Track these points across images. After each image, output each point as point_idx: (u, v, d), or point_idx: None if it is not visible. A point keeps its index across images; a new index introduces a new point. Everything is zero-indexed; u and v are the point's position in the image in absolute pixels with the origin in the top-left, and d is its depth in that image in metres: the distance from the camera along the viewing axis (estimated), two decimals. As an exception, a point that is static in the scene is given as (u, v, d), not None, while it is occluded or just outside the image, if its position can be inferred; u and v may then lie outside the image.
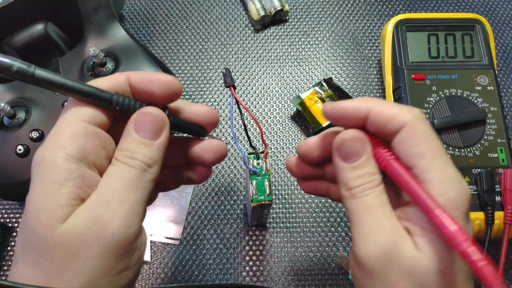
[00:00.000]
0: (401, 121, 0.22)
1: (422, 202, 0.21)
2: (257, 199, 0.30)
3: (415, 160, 0.22)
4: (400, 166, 0.23)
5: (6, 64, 0.19)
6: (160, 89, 0.23)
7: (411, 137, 0.22)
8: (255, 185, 0.30)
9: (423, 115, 0.23)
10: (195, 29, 0.50)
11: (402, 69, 0.41)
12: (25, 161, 0.37)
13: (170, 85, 0.23)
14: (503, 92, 0.46)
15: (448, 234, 0.20)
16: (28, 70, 0.19)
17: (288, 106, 0.46)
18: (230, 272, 0.38)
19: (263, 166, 0.31)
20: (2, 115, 0.37)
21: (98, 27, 0.41)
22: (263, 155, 0.31)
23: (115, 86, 0.22)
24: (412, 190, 0.22)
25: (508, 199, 0.35)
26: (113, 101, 0.22)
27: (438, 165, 0.22)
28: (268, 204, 0.30)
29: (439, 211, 0.20)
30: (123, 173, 0.21)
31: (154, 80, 0.23)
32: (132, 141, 0.22)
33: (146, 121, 0.22)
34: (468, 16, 0.43)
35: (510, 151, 0.37)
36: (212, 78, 0.47)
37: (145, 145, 0.22)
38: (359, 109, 0.23)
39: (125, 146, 0.22)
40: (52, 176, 0.20)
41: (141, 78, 0.23)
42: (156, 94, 0.23)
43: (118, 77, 0.23)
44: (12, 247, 0.40)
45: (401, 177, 0.22)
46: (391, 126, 0.22)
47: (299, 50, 0.48)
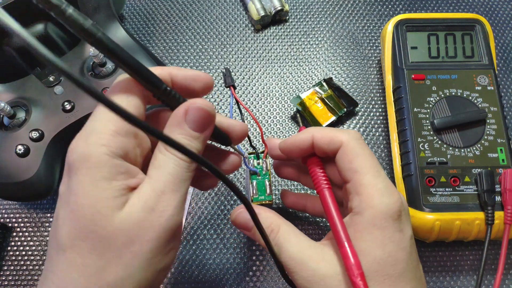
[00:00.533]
0: (338, 141, 0.26)
1: (337, 233, 0.24)
2: (258, 199, 0.30)
3: (350, 175, 0.25)
4: (330, 196, 0.26)
5: (79, 20, 0.19)
6: (201, 86, 0.25)
7: (347, 154, 0.26)
8: (256, 185, 0.30)
9: (359, 135, 0.27)
10: (195, 29, 0.50)
11: (402, 69, 0.41)
12: (25, 161, 0.37)
13: (209, 83, 0.25)
14: (503, 92, 0.46)
15: (347, 265, 0.23)
16: (96, 33, 0.20)
17: (288, 106, 0.46)
18: (230, 272, 0.38)
19: (264, 166, 0.31)
20: (2, 115, 0.37)
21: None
22: (263, 155, 0.31)
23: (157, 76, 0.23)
24: (331, 221, 0.25)
25: (508, 199, 0.35)
26: (163, 87, 0.23)
27: (369, 180, 0.25)
28: (269, 204, 0.30)
29: (346, 244, 0.23)
30: (174, 165, 0.22)
31: (196, 79, 0.25)
32: (182, 132, 0.23)
33: (198, 114, 0.23)
34: (468, 16, 0.43)
35: (510, 151, 0.37)
36: (212, 78, 0.47)
37: (194, 137, 0.23)
38: (304, 138, 0.27)
39: (175, 137, 0.23)
40: (102, 173, 0.21)
41: (184, 76, 0.25)
42: (197, 90, 0.25)
43: (161, 71, 0.24)
44: (12, 247, 0.40)
45: (327, 206, 0.26)
46: (331, 146, 0.26)
47: (299, 50, 0.48)
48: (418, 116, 0.39)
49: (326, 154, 0.28)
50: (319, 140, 0.27)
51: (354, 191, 0.25)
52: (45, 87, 0.39)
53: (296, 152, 0.29)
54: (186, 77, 0.25)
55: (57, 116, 0.38)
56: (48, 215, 0.41)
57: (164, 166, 0.23)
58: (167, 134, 0.23)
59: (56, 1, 0.18)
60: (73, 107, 0.38)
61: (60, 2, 0.18)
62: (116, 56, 0.21)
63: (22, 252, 0.40)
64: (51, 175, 0.38)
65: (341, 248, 0.24)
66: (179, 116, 0.23)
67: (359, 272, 0.22)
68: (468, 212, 0.35)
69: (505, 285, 0.38)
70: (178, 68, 0.25)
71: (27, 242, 0.40)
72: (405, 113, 0.39)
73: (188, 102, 0.24)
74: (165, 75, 0.24)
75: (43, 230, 0.40)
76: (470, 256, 0.39)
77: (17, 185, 0.36)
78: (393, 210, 0.24)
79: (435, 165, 0.37)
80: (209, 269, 0.39)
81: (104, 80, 0.39)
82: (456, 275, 0.38)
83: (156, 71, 0.23)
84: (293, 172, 0.33)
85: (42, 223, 0.41)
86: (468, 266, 0.38)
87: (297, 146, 0.28)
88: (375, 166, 0.25)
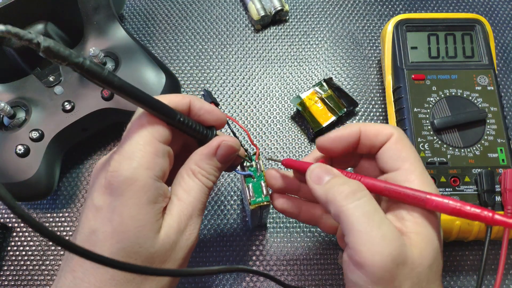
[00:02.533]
0: (388, 132, 0.27)
1: (413, 196, 0.24)
2: (255, 201, 0.30)
3: (400, 164, 0.26)
4: (372, 179, 0.26)
5: (97, 71, 0.20)
6: (213, 120, 0.27)
7: (397, 144, 0.26)
8: (252, 187, 0.30)
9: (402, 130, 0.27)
10: (195, 29, 0.50)
11: (402, 69, 0.41)
12: (25, 161, 0.37)
13: (221, 119, 0.28)
14: (503, 92, 0.46)
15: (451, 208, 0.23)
16: (114, 80, 0.21)
17: (288, 106, 0.46)
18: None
19: (257, 167, 0.31)
20: (2, 115, 0.37)
21: (98, 27, 0.41)
22: (255, 157, 0.31)
23: (176, 104, 0.26)
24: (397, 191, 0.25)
25: (508, 199, 0.34)
26: (177, 118, 0.25)
27: (419, 169, 0.25)
28: (267, 204, 0.30)
29: (428, 196, 0.24)
30: (200, 192, 0.26)
31: (210, 111, 0.27)
32: (211, 163, 0.26)
33: (227, 151, 0.27)
34: (468, 16, 0.43)
35: (510, 151, 0.37)
36: (212, 78, 0.47)
37: (218, 168, 0.27)
38: (352, 132, 0.27)
39: (204, 166, 0.26)
40: (147, 196, 0.23)
41: (201, 107, 0.27)
42: (207, 122, 0.27)
43: (182, 98, 0.26)
44: (12, 247, 0.40)
45: (377, 185, 0.26)
46: (380, 138, 0.27)
47: (299, 50, 0.48)
48: (418, 116, 0.39)
49: (370, 149, 0.27)
50: (367, 133, 0.27)
51: (403, 179, 0.25)
52: (45, 87, 0.39)
53: (340, 147, 0.28)
54: (202, 108, 0.27)
55: (57, 116, 0.38)
56: (48, 215, 0.41)
57: (192, 190, 0.25)
58: (197, 161, 0.26)
59: (74, 57, 0.19)
60: (73, 107, 0.38)
61: (77, 56, 0.19)
62: (133, 96, 0.23)
63: (22, 252, 0.40)
64: (51, 175, 0.38)
65: (429, 202, 0.24)
66: (211, 149, 0.26)
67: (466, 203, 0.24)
68: (468, 212, 0.35)
69: (505, 285, 0.38)
70: (198, 98, 0.27)
71: (27, 242, 0.40)
72: (405, 113, 0.39)
73: (220, 138, 0.27)
74: (186, 102, 0.26)
75: (43, 230, 0.40)
76: (470, 256, 0.39)
77: (17, 185, 0.36)
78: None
79: (435, 165, 0.37)
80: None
81: (104, 80, 0.39)
82: (456, 275, 0.38)
83: (176, 98, 0.26)
84: (293, 206, 0.31)
85: (42, 223, 0.41)
86: (468, 266, 0.38)
87: (345, 139, 0.27)
88: (420, 159, 0.26)
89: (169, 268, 0.24)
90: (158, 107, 0.24)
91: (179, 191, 0.26)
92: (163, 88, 0.39)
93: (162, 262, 0.24)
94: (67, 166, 0.43)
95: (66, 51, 0.18)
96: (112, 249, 0.23)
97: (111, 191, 0.23)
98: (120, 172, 0.23)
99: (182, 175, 0.26)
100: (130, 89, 0.22)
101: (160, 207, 0.24)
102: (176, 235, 0.24)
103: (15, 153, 0.37)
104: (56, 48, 0.18)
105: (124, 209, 0.23)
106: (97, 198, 0.24)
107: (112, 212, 0.23)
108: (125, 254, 0.23)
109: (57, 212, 0.41)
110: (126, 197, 0.23)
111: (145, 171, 0.23)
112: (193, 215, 0.25)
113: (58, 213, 0.41)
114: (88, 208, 0.24)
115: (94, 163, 0.43)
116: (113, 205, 0.23)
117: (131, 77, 0.39)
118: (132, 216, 0.23)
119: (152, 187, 0.23)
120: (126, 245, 0.23)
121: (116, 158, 0.24)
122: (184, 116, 0.25)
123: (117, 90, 0.22)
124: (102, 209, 0.23)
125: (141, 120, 0.24)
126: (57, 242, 0.17)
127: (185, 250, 0.25)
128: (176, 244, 0.24)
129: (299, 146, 0.44)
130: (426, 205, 0.24)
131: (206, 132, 0.27)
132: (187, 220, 0.25)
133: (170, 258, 0.24)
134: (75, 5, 0.41)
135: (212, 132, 0.28)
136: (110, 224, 0.23)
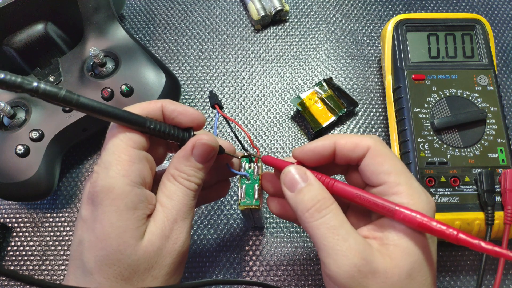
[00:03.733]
0: (365, 145, 0.25)
1: (382, 206, 0.24)
2: (245, 203, 0.29)
3: (384, 177, 0.25)
4: (346, 185, 0.25)
5: (53, 92, 0.21)
6: (189, 121, 0.27)
7: (377, 157, 0.25)
8: (244, 188, 0.30)
9: (381, 139, 0.26)
10: (195, 29, 0.50)
11: (402, 69, 0.41)
12: (25, 161, 0.37)
13: (197, 119, 0.27)
14: (503, 92, 0.46)
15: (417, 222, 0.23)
16: (73, 98, 0.21)
17: (288, 106, 0.46)
18: (230, 272, 0.38)
19: (255, 170, 0.30)
20: (2, 115, 0.37)
21: (98, 27, 0.41)
22: (255, 159, 0.31)
23: (148, 111, 0.26)
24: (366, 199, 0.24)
25: (508, 199, 0.35)
26: (146, 125, 0.25)
27: (405, 180, 0.24)
28: (256, 208, 0.30)
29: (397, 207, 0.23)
30: (183, 195, 0.25)
31: (183, 112, 0.26)
32: (190, 165, 0.26)
33: (203, 149, 0.26)
34: (468, 16, 0.43)
35: (510, 151, 0.37)
36: (212, 78, 0.47)
37: (199, 169, 0.26)
38: (326, 145, 0.26)
39: (183, 169, 0.26)
40: (126, 203, 0.23)
41: (173, 109, 0.26)
42: (183, 124, 0.27)
43: (154, 104, 0.26)
44: (12, 247, 0.40)
45: (349, 191, 0.25)
46: (357, 152, 0.26)
47: (299, 50, 0.48)
48: (418, 116, 0.39)
49: (348, 162, 0.27)
50: (343, 146, 0.26)
51: (390, 192, 0.24)
52: (45, 87, 0.39)
53: (314, 160, 0.27)
54: (174, 111, 0.26)
55: (57, 116, 0.38)
56: (48, 215, 0.41)
57: (174, 195, 0.25)
58: (176, 164, 0.26)
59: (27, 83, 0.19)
60: (73, 107, 0.38)
61: (30, 82, 0.19)
62: (98, 112, 0.23)
63: (22, 252, 0.40)
64: (51, 175, 0.38)
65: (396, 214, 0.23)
66: (187, 150, 0.26)
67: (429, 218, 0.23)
68: (468, 212, 0.35)
69: (505, 285, 0.38)
70: (171, 101, 0.27)
71: (27, 242, 0.40)
72: (405, 113, 0.39)
73: (195, 137, 0.26)
74: (157, 107, 0.26)
75: (43, 230, 0.40)
76: (470, 256, 0.39)
77: (17, 185, 0.36)
78: (430, 208, 0.24)
79: (435, 165, 0.37)
80: (209, 269, 0.39)
81: (104, 80, 0.39)
82: (456, 275, 0.38)
83: (149, 106, 0.26)
84: (290, 210, 0.30)
85: (42, 223, 0.41)
86: (468, 266, 0.38)
87: (318, 152, 0.27)
88: (405, 167, 0.26)
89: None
90: (125, 118, 0.24)
91: (161, 197, 0.26)
92: (163, 88, 0.39)
93: (147, 269, 0.24)
94: (67, 166, 0.43)
95: (17, 79, 0.19)
96: (96, 257, 0.23)
97: (92, 201, 0.24)
98: (98, 182, 0.23)
99: (163, 181, 0.26)
100: (92, 106, 0.22)
101: (142, 214, 0.24)
102: (160, 241, 0.24)
103: (15, 153, 0.37)
104: (7, 79, 0.18)
105: (104, 216, 0.23)
106: (83, 209, 0.25)
107: (94, 221, 0.23)
108: (108, 261, 0.23)
109: (57, 212, 0.41)
110: (104, 205, 0.23)
111: (122, 178, 0.23)
112: (177, 219, 0.25)
113: (58, 213, 0.41)
114: (77, 220, 0.25)
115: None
116: (95, 214, 0.24)
117: (131, 77, 0.39)
118: (112, 223, 0.23)
119: (130, 193, 0.23)
120: (108, 252, 0.23)
121: (96, 170, 0.24)
122: (155, 122, 0.25)
123: (79, 108, 0.22)
124: (87, 219, 0.24)
125: (113, 131, 0.25)
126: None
127: (173, 255, 0.25)
128: (162, 250, 0.24)
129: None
130: (394, 216, 0.23)
131: (183, 135, 0.27)
132: (172, 225, 0.25)
133: (156, 265, 0.24)
134: (75, 5, 0.41)
135: (190, 133, 0.27)
136: (93, 233, 0.23)
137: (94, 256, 0.23)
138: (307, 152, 0.27)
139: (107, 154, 0.24)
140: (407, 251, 0.23)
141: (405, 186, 0.24)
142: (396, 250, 0.23)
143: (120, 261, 0.23)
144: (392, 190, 0.24)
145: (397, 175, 0.25)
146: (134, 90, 0.39)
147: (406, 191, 0.24)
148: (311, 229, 0.24)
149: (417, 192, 0.24)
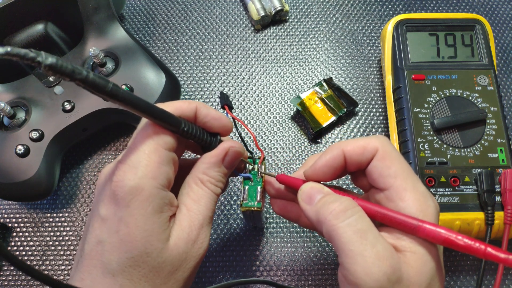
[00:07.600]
0: (373, 147, 0.25)
1: (403, 223, 0.23)
2: (247, 205, 0.29)
3: (390, 181, 0.24)
4: (365, 202, 0.25)
5: (102, 84, 0.20)
6: (219, 127, 0.27)
7: (384, 160, 0.25)
8: (247, 190, 0.30)
9: (389, 140, 0.26)
10: (195, 29, 0.50)
11: (402, 69, 0.41)
12: (25, 161, 0.37)
13: (227, 126, 0.27)
14: (503, 92, 0.46)
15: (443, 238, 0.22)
16: (119, 92, 0.21)
17: (288, 106, 0.46)
18: (230, 272, 0.38)
19: (258, 172, 0.30)
20: (2, 115, 0.37)
21: (98, 27, 0.41)
22: (259, 161, 0.31)
23: (182, 111, 0.26)
24: (388, 216, 0.24)
25: (508, 199, 0.34)
26: (181, 127, 0.25)
27: (411, 184, 0.24)
28: (258, 211, 0.30)
29: (420, 223, 0.22)
30: (210, 200, 0.26)
31: (217, 118, 0.27)
32: (219, 171, 0.26)
33: (234, 157, 0.27)
34: (468, 16, 0.43)
35: (510, 151, 0.37)
36: (212, 78, 0.47)
37: (225, 174, 0.27)
38: (335, 156, 0.26)
39: (212, 174, 0.26)
40: (153, 206, 0.23)
41: (207, 113, 0.27)
42: (213, 129, 0.27)
43: (188, 105, 0.26)
44: (12, 247, 0.40)
45: (369, 208, 0.24)
46: (366, 155, 0.25)
47: (299, 50, 0.48)
48: (418, 116, 0.39)
49: (359, 167, 0.26)
50: (351, 152, 0.26)
51: (396, 198, 0.24)
52: (45, 87, 0.39)
53: (329, 175, 0.26)
54: (208, 115, 0.27)
55: (57, 116, 0.38)
56: (48, 215, 0.41)
57: (202, 199, 0.26)
58: (205, 170, 0.26)
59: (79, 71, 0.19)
60: (73, 107, 0.38)
61: (80, 71, 0.19)
62: (139, 108, 0.22)
63: (22, 252, 0.40)
64: (51, 175, 0.38)
65: (421, 230, 0.23)
66: (219, 157, 0.26)
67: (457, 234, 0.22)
68: (468, 212, 0.35)
69: (505, 285, 0.38)
70: (205, 105, 0.27)
71: (27, 242, 0.40)
72: (405, 113, 0.39)
73: (228, 144, 0.27)
74: (191, 109, 0.26)
75: (43, 230, 0.40)
76: (470, 256, 0.39)
77: (17, 185, 0.36)
78: (436, 212, 0.24)
79: (435, 165, 0.37)
80: (208, 269, 0.39)
81: (104, 80, 0.39)
82: (456, 275, 0.38)
83: (183, 105, 0.26)
84: (293, 210, 0.31)
85: (42, 223, 0.41)
86: (468, 266, 0.38)
87: (330, 166, 0.26)
88: (412, 170, 0.25)
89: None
90: (163, 117, 0.24)
91: (187, 201, 0.25)
92: (163, 88, 0.39)
93: (171, 272, 0.24)
94: (67, 166, 0.43)
95: (68, 66, 0.18)
96: (120, 259, 0.23)
97: (116, 201, 0.23)
98: (125, 182, 0.23)
99: (190, 184, 0.26)
100: (135, 101, 0.22)
101: (166, 216, 0.24)
102: (186, 245, 0.24)
103: (15, 153, 0.37)
104: (59, 65, 0.18)
105: (131, 219, 0.23)
106: (102, 208, 0.24)
107: (118, 223, 0.23)
108: (133, 263, 0.23)
109: (57, 212, 0.41)
110: (132, 208, 0.23)
111: (150, 180, 0.23)
112: (203, 224, 0.25)
113: (58, 213, 0.41)
114: (94, 218, 0.24)
115: (94, 163, 0.43)
116: (119, 215, 0.23)
117: (131, 77, 0.39)
118: (139, 226, 0.23)
119: (157, 196, 0.23)
120: (134, 255, 0.23)
121: (121, 168, 0.23)
122: (188, 124, 0.25)
123: (122, 103, 0.21)
124: (108, 219, 0.23)
125: (147, 129, 0.24)
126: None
127: (196, 259, 0.25)
128: (188, 254, 0.25)
129: (299, 146, 0.44)
130: (417, 233, 0.23)
131: (210, 139, 0.27)
132: (199, 230, 0.25)
133: (180, 267, 0.24)
134: (75, 5, 0.41)
135: (217, 139, 0.27)
136: (116, 234, 0.23)
137: (118, 258, 0.23)
138: (319, 170, 0.26)
139: (137, 152, 0.24)
140: (424, 258, 0.23)
141: (411, 192, 0.24)
142: (414, 258, 0.23)
143: (145, 263, 0.23)
144: (398, 196, 0.24)
145: (404, 179, 0.24)
146: (134, 90, 0.39)
147: (413, 196, 0.24)
148: (335, 232, 0.22)
149: (424, 197, 0.24)
